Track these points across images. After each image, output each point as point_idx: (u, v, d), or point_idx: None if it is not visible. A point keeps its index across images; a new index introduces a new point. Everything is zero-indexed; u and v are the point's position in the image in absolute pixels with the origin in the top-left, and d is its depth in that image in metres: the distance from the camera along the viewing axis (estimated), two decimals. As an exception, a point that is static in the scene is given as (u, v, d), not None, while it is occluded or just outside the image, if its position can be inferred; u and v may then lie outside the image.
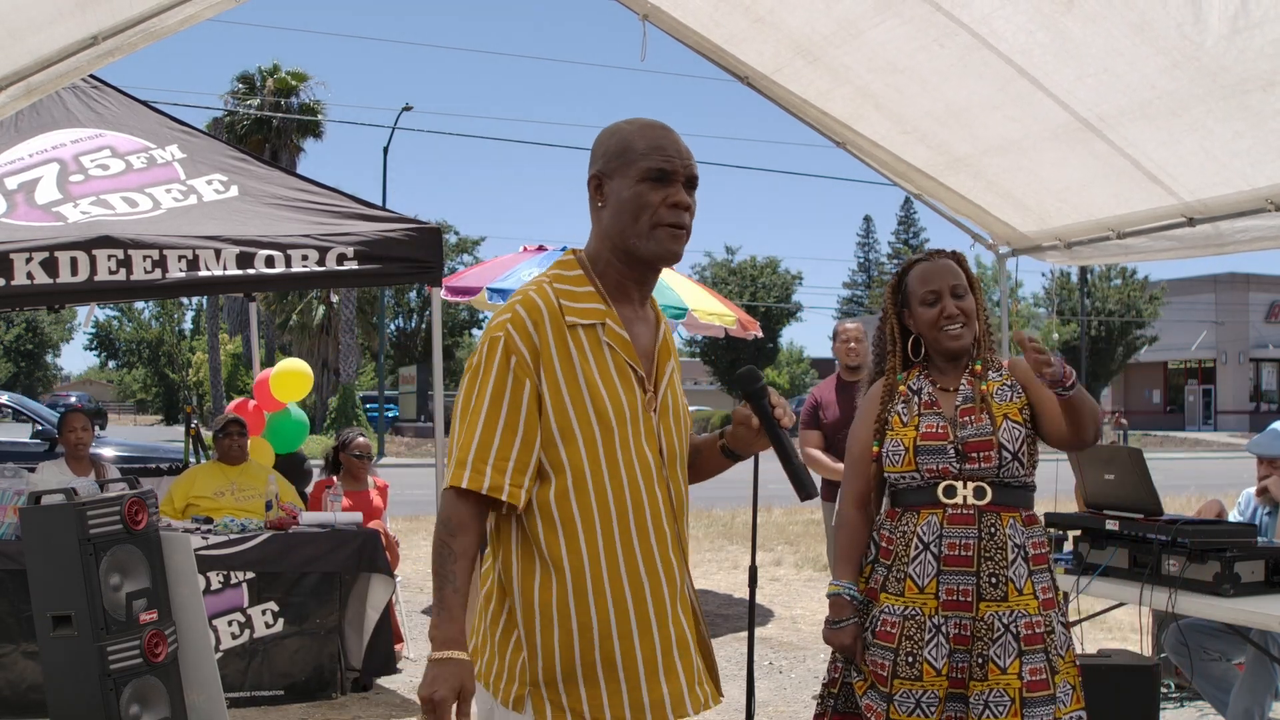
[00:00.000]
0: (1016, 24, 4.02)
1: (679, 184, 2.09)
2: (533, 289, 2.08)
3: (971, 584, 2.78)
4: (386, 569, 5.65)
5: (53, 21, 3.82)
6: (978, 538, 2.81)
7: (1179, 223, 4.89)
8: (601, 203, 2.11)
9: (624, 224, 2.08)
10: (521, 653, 2.03)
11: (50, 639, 4.31)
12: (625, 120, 2.17)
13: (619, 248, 2.10)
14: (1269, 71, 3.69)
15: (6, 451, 11.11)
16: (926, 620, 2.80)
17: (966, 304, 2.94)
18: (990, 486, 2.84)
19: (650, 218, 2.07)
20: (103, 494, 4.66)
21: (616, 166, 2.09)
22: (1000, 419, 2.87)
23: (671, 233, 2.09)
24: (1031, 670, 2.74)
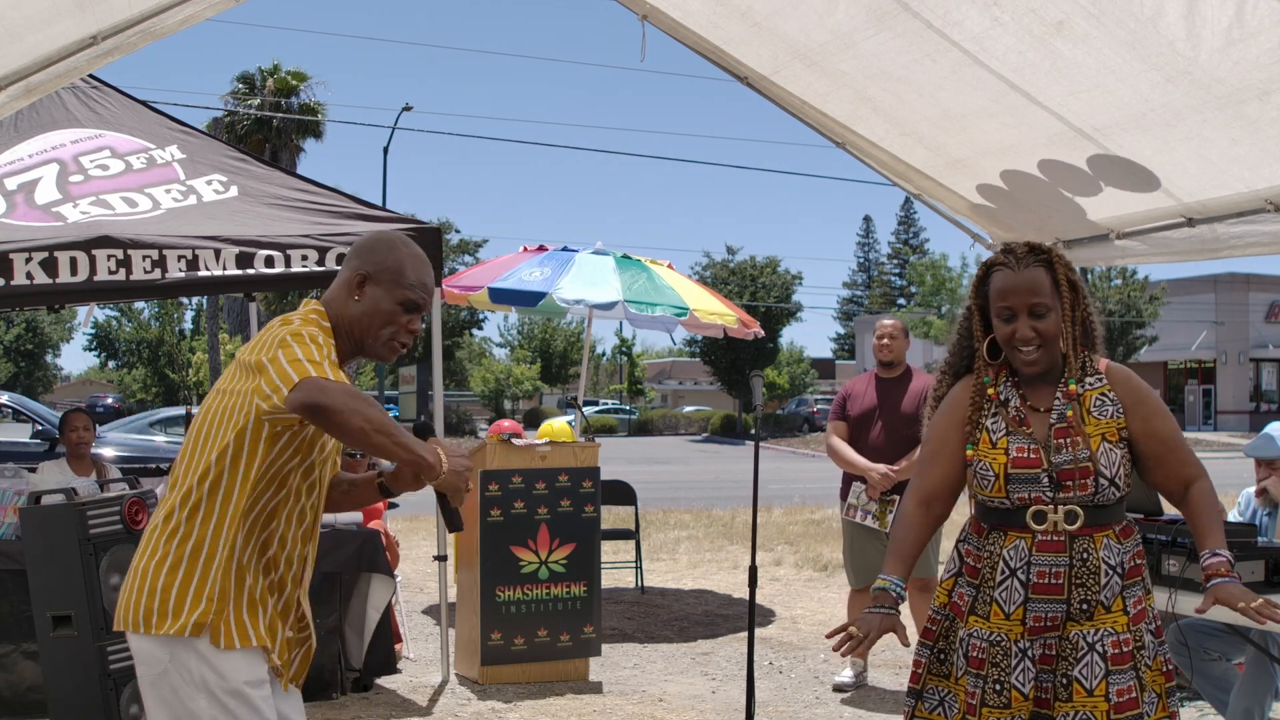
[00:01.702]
0: (1006, 44, 4.04)
1: (419, 315, 2.54)
2: (309, 329, 2.38)
3: (1061, 610, 2.67)
4: (386, 569, 5.66)
5: (51, 21, 3.82)
6: (1069, 565, 2.68)
7: (1178, 223, 4.89)
8: (359, 297, 2.49)
9: (370, 325, 2.49)
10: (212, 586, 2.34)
11: (50, 639, 4.31)
12: (402, 240, 2.56)
13: (355, 336, 2.50)
14: (1265, 81, 3.70)
15: (6, 451, 11.12)
16: (1012, 645, 2.68)
17: (1045, 325, 2.73)
18: (1084, 510, 2.70)
19: (391, 334, 2.51)
20: (103, 494, 4.67)
21: (385, 280, 2.48)
22: (1097, 441, 2.71)
23: (398, 348, 2.54)
24: (1119, 691, 2.61)
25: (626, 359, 60.36)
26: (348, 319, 2.48)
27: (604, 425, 43.70)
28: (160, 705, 2.35)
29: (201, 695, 2.31)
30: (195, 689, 2.31)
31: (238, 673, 2.33)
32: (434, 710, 5.41)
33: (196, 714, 2.32)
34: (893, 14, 4.12)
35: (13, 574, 4.87)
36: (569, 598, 5.96)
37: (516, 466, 5.89)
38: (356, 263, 2.50)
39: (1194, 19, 3.51)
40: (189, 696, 2.32)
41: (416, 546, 10.66)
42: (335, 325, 2.48)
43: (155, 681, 2.35)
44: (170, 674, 2.33)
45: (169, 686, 2.33)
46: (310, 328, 2.37)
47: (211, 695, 2.32)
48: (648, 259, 8.18)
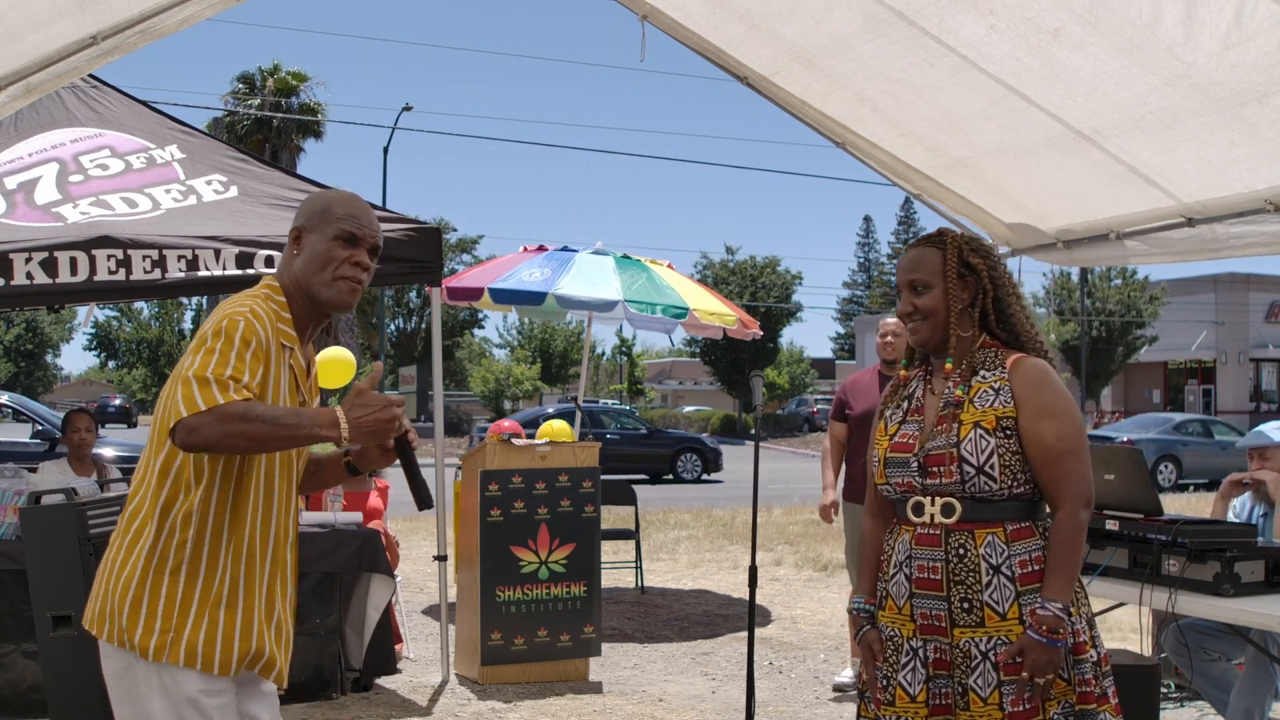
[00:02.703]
0: (1004, 51, 4.05)
1: (364, 249, 2.48)
2: (256, 304, 2.37)
3: (943, 609, 2.61)
4: (386, 569, 5.66)
5: (51, 21, 3.82)
6: (945, 560, 2.61)
7: (1178, 223, 4.89)
8: (297, 251, 2.48)
9: (312, 271, 2.45)
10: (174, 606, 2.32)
11: (50, 639, 4.31)
12: (332, 189, 2.58)
13: (304, 289, 2.46)
14: (1264, 83, 3.70)
15: (6, 451, 11.11)
16: (905, 643, 2.67)
17: (923, 301, 2.72)
18: (960, 502, 2.62)
19: (334, 270, 2.45)
20: (103, 494, 4.67)
21: (316, 224, 2.47)
22: (968, 428, 2.61)
23: (350, 285, 2.46)
24: (1013, 701, 2.53)
25: (626, 359, 60.34)
26: (293, 277, 2.47)
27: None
28: (123, 699, 2.37)
29: (157, 698, 2.32)
30: (152, 691, 2.32)
31: (192, 682, 2.33)
32: (434, 710, 5.41)
33: (152, 716, 2.33)
34: (889, 21, 4.12)
35: (13, 574, 4.87)
36: (569, 598, 5.96)
37: (516, 466, 5.89)
38: (292, 225, 2.52)
39: (1192, 23, 3.51)
40: (146, 697, 2.33)
41: (416, 546, 10.66)
42: (287, 292, 2.47)
43: (120, 675, 2.36)
44: (134, 671, 2.34)
45: (131, 683, 2.35)
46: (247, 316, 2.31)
47: (167, 699, 2.32)
48: (648, 259, 8.18)
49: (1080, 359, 39.59)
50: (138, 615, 2.31)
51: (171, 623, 2.31)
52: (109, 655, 2.37)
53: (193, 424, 2.16)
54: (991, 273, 2.74)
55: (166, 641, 2.30)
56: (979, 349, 2.73)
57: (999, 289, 2.74)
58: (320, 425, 2.24)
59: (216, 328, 2.28)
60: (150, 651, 2.30)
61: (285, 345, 2.42)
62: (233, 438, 2.18)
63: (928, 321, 2.74)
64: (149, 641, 2.30)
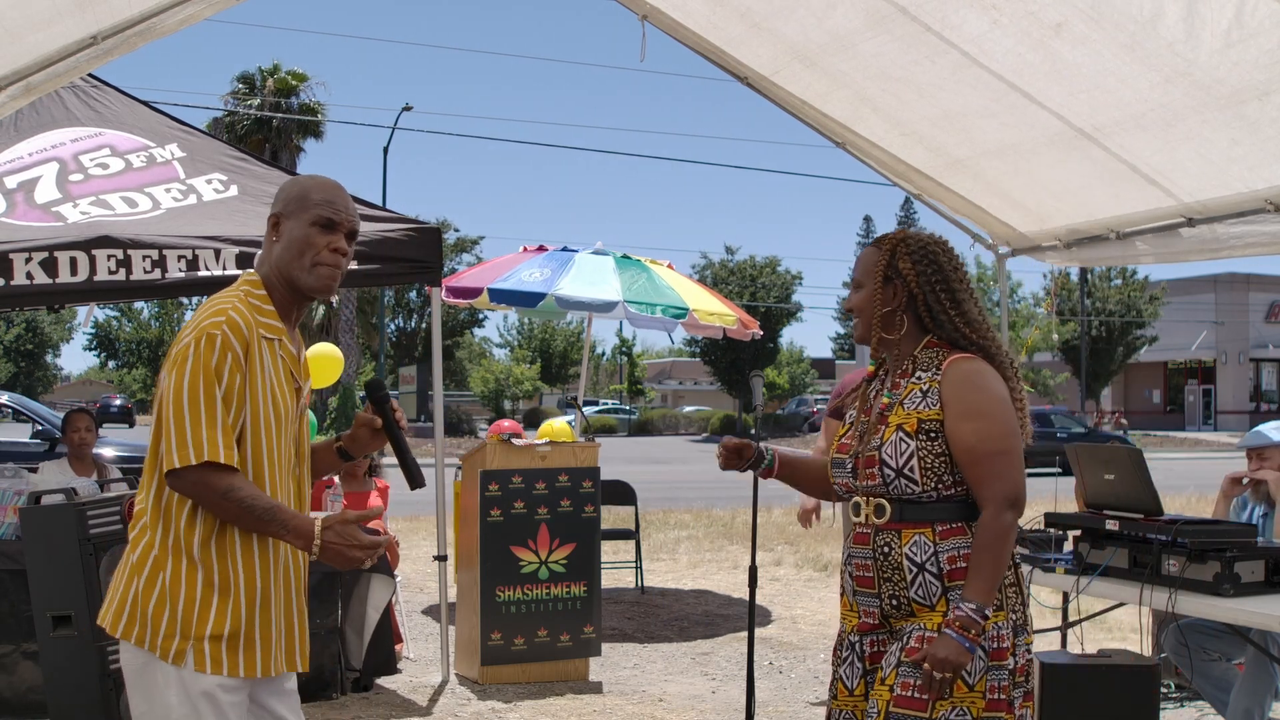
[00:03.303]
0: (1005, 46, 4.05)
1: (341, 234, 2.49)
2: (234, 302, 2.40)
3: (876, 606, 2.67)
4: (386, 569, 5.66)
5: (52, 21, 3.82)
6: (873, 559, 2.67)
7: (1179, 223, 4.89)
8: (276, 238, 2.49)
9: (291, 257, 2.46)
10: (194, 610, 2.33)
11: (50, 639, 4.32)
12: (307, 175, 2.59)
13: (284, 276, 2.48)
14: (1264, 81, 3.70)
15: (6, 451, 11.10)
16: (847, 638, 2.74)
17: (854, 299, 2.79)
18: (890, 504, 2.65)
19: (313, 256, 2.46)
20: (103, 494, 4.67)
21: (293, 210, 2.48)
22: (891, 431, 2.65)
23: (329, 271, 2.48)
24: (904, 685, 2.54)
25: (626, 359, 60.38)
26: (273, 266, 2.49)
27: (604, 425, 43.70)
28: (139, 693, 2.38)
29: (173, 691, 2.34)
30: (169, 683, 2.34)
31: (210, 677, 2.35)
32: (434, 710, 5.41)
33: (167, 709, 2.34)
34: (891, 17, 4.12)
35: (13, 574, 4.87)
36: (569, 598, 5.96)
37: (516, 466, 5.89)
38: (270, 212, 2.53)
39: (1193, 20, 3.51)
40: (162, 690, 2.35)
41: (416, 546, 10.66)
42: (268, 282, 2.49)
43: (138, 670, 2.38)
44: (151, 666, 2.35)
45: (149, 678, 2.36)
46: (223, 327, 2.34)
47: (184, 692, 2.34)
48: (648, 259, 8.18)
49: (1080, 359, 39.60)
50: (159, 617, 2.33)
51: (191, 627, 2.33)
52: (126, 650, 2.39)
53: (176, 479, 2.29)
54: (922, 276, 2.72)
55: (187, 647, 2.33)
56: (923, 350, 2.74)
57: (929, 292, 2.71)
58: (291, 533, 2.33)
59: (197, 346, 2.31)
60: (171, 655, 2.32)
61: (269, 338, 2.44)
62: (207, 504, 2.32)
63: (859, 320, 2.79)
64: (170, 645, 2.33)
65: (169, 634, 2.33)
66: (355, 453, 2.69)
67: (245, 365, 2.35)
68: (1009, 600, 2.59)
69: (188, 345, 2.32)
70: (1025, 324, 34.56)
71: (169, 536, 2.36)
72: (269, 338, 2.44)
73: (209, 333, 2.32)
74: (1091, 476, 4.37)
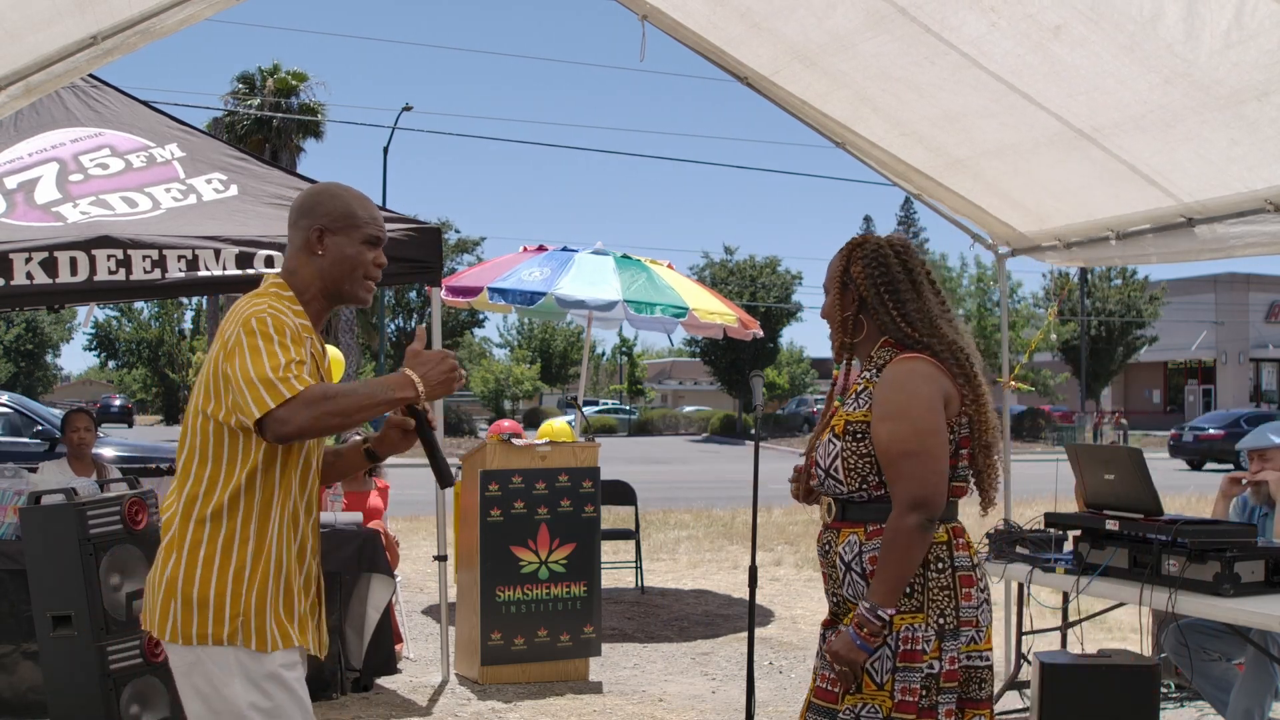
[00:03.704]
0: (1005, 48, 4.05)
1: (381, 248, 2.62)
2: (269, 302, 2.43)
3: (833, 601, 2.77)
4: (387, 569, 5.65)
5: (51, 21, 3.82)
6: (824, 556, 2.78)
7: (1178, 223, 4.89)
8: (321, 251, 2.54)
9: (343, 273, 2.55)
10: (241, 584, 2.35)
11: (50, 639, 4.31)
12: (338, 186, 2.64)
13: (330, 289, 2.56)
14: (1264, 82, 3.70)
15: (6, 451, 11.10)
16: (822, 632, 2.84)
17: (824, 306, 2.88)
18: (837, 503, 2.72)
19: (364, 273, 2.58)
20: (103, 494, 4.67)
21: (341, 227, 2.54)
22: (825, 432, 2.74)
23: (371, 285, 2.61)
24: (823, 677, 2.69)
25: (626, 359, 60.36)
26: (314, 276, 2.54)
27: (604, 425, 43.68)
28: (194, 695, 2.37)
29: (236, 680, 2.34)
30: (230, 674, 2.34)
31: (272, 657, 2.37)
32: (434, 710, 5.41)
33: (232, 700, 2.33)
34: (890, 18, 4.13)
35: (13, 574, 4.87)
36: (569, 598, 5.96)
37: (516, 466, 5.89)
38: (306, 222, 2.56)
39: (1193, 21, 3.51)
40: (224, 683, 2.34)
41: (416, 546, 10.66)
42: (300, 291, 2.53)
43: (188, 671, 2.37)
44: (203, 662, 2.34)
45: (202, 675, 2.35)
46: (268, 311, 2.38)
47: (247, 679, 2.34)
48: (648, 259, 8.18)
49: (1080, 359, 39.58)
50: (221, 610, 2.34)
51: (251, 611, 2.35)
52: (174, 652, 2.39)
53: (282, 415, 2.26)
54: (869, 278, 2.74)
55: (238, 626, 2.34)
56: (879, 350, 2.77)
57: (874, 294, 2.74)
58: (396, 388, 2.37)
59: (248, 326, 2.34)
60: (224, 638, 2.33)
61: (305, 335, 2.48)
62: (323, 418, 2.28)
63: (831, 328, 2.86)
64: (221, 630, 2.33)
65: (218, 619, 2.33)
66: (384, 454, 2.72)
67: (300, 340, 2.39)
68: (936, 603, 2.57)
69: (237, 332, 2.35)
70: (1025, 324, 34.52)
71: (204, 526, 2.37)
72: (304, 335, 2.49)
73: (258, 314, 2.36)
74: (1091, 476, 4.37)
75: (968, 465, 2.68)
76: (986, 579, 2.67)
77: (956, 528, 2.66)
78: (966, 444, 2.67)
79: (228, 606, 2.34)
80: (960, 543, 2.64)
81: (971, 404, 2.65)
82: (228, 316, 2.45)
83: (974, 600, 2.60)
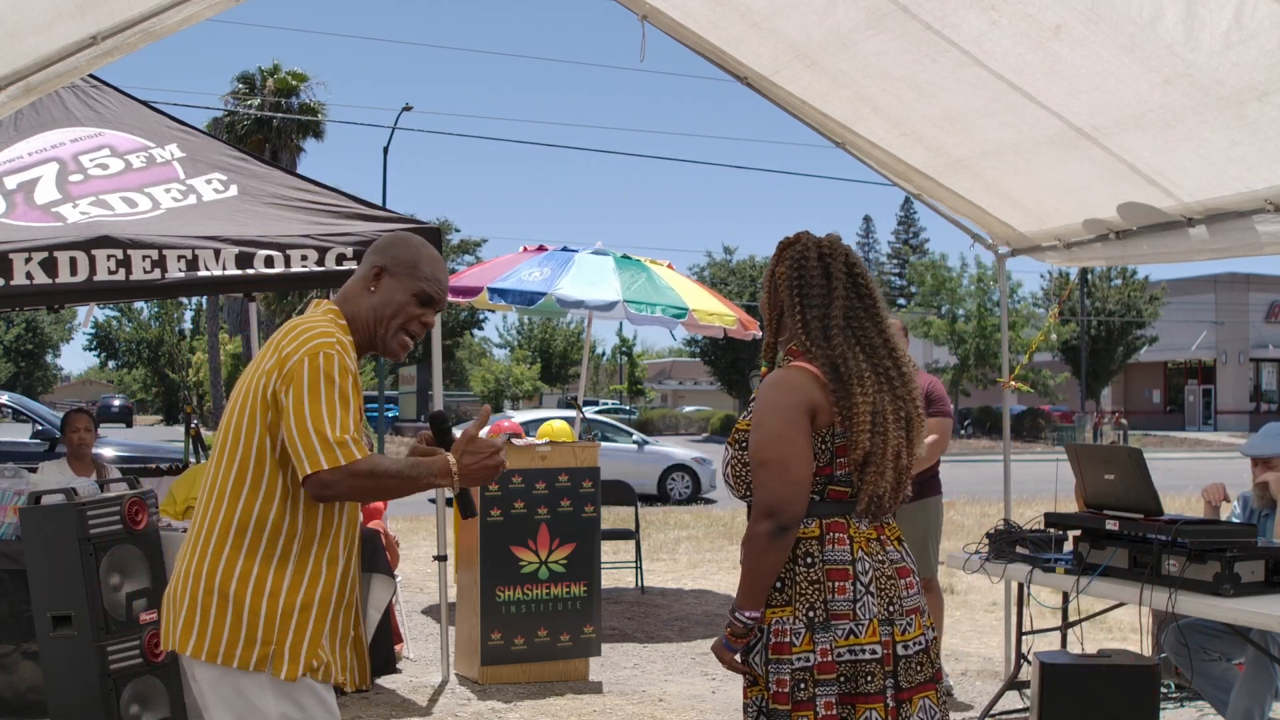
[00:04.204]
0: (1005, 46, 4.05)
1: (433, 311, 2.59)
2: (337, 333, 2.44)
3: None
4: (387, 569, 5.65)
5: (52, 22, 3.81)
6: None
7: (1178, 223, 4.88)
8: (375, 289, 2.54)
9: (383, 316, 2.53)
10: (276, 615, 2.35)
11: (50, 639, 4.31)
12: (420, 240, 2.63)
13: (368, 329, 2.54)
14: (1264, 82, 3.70)
15: (6, 451, 11.09)
16: None
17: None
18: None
19: (402, 325, 2.55)
20: (103, 494, 4.66)
21: (402, 273, 2.54)
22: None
23: (407, 341, 2.58)
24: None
25: (626, 359, 60.36)
26: (363, 311, 2.53)
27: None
28: (223, 706, 2.34)
29: (269, 695, 2.33)
30: (262, 689, 2.32)
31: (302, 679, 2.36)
32: (434, 710, 5.41)
33: (264, 711, 2.32)
34: (891, 15, 4.13)
35: (13, 574, 4.87)
36: (569, 598, 5.96)
37: (516, 466, 5.89)
38: (374, 258, 2.57)
39: (1193, 21, 3.51)
40: (255, 695, 2.32)
41: (416, 546, 10.66)
42: (350, 322, 2.52)
43: (215, 683, 2.34)
44: (232, 673, 2.33)
45: (230, 686, 2.33)
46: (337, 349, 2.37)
47: (280, 693, 2.33)
48: (648, 259, 8.18)
49: (1080, 359, 39.59)
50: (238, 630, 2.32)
51: (274, 633, 2.34)
52: (200, 667, 2.36)
53: (328, 479, 2.29)
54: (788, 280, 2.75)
55: (269, 653, 2.33)
56: (784, 355, 2.80)
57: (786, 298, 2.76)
58: (435, 474, 2.39)
59: (315, 362, 2.33)
60: (252, 664, 2.31)
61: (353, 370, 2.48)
62: (364, 492, 2.36)
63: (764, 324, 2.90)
64: (250, 654, 2.32)
65: (248, 641, 2.32)
66: None
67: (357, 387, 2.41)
68: (804, 597, 2.59)
69: (301, 361, 2.34)
70: (1025, 324, 34.53)
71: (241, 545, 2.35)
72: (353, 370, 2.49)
73: (325, 351, 2.36)
74: (1091, 476, 4.37)
75: (849, 471, 2.65)
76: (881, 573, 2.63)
77: (834, 524, 2.64)
78: (843, 452, 2.64)
79: (260, 630, 2.32)
80: (838, 538, 2.63)
81: (840, 415, 2.63)
82: (288, 333, 2.41)
83: (848, 594, 2.59)
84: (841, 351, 2.67)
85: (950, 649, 6.61)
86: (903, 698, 2.59)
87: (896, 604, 2.61)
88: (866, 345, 2.70)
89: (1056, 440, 36.79)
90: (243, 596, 2.32)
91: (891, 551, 2.67)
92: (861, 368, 2.66)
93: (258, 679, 2.32)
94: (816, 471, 2.62)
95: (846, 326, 2.70)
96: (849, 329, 2.70)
